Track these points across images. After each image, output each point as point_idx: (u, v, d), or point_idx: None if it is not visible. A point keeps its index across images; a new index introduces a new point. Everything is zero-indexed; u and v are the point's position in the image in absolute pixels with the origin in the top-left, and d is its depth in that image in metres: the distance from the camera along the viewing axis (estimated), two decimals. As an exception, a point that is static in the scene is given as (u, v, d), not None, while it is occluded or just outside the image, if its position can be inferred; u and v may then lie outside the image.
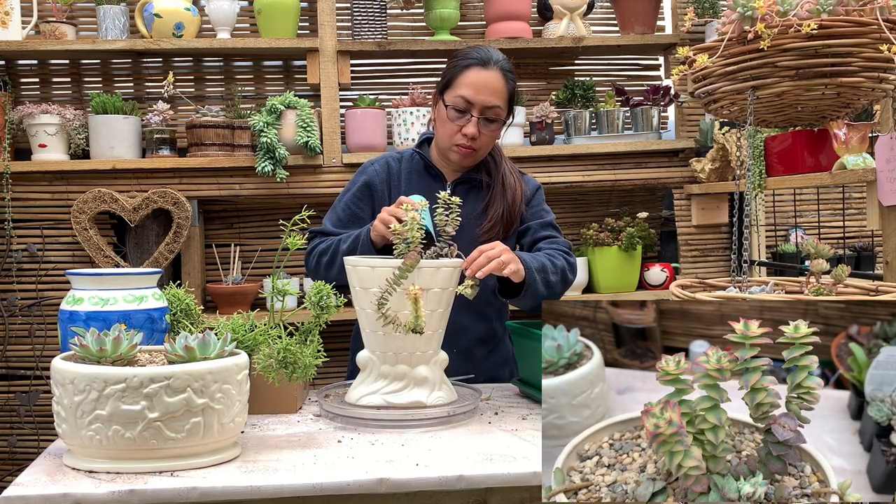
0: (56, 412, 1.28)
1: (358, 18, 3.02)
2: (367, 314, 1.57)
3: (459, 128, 1.88)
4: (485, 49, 1.91)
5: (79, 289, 1.53)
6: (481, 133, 1.89)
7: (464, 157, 1.92)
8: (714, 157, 2.96)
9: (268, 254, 3.20)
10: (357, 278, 1.58)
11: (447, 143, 1.92)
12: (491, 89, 1.87)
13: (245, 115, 3.00)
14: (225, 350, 1.33)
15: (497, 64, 1.88)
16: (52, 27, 2.96)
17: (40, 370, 2.90)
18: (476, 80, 1.86)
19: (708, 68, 1.65)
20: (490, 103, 1.87)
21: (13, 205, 2.89)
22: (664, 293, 3.12)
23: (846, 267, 1.58)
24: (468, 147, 1.89)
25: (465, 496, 1.29)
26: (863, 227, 3.34)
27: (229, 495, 1.20)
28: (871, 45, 1.53)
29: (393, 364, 1.58)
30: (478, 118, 1.87)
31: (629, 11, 3.17)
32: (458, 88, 1.87)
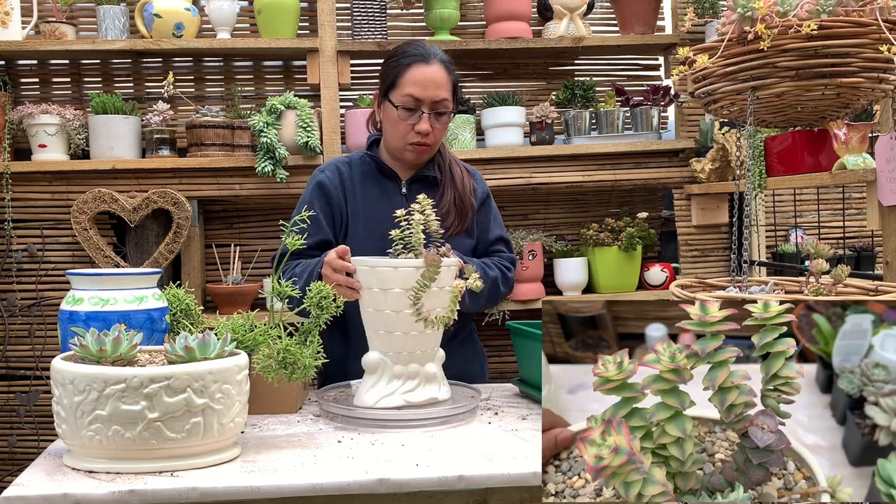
0: (56, 412, 1.28)
1: (358, 18, 3.02)
2: (384, 315, 1.58)
3: (412, 126, 1.90)
4: (420, 45, 1.95)
5: (79, 289, 1.53)
6: (434, 128, 1.92)
7: (419, 155, 1.95)
8: (714, 157, 2.96)
9: (268, 254, 3.19)
10: (376, 280, 1.58)
11: (400, 143, 1.94)
12: (436, 83, 1.90)
13: (245, 115, 3.00)
14: (225, 350, 1.33)
15: (437, 57, 1.92)
16: (52, 27, 2.96)
17: (40, 370, 2.90)
18: (421, 77, 1.89)
19: (708, 69, 1.65)
20: (438, 97, 1.90)
21: (13, 205, 2.89)
22: (664, 293, 3.12)
23: (846, 267, 1.58)
24: (422, 144, 1.92)
25: (465, 496, 1.29)
26: (863, 227, 3.34)
27: (229, 495, 1.20)
28: (870, 46, 1.53)
29: (406, 363, 1.60)
30: (428, 114, 1.90)
31: (629, 11, 3.17)
32: (404, 87, 1.89)
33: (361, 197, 1.98)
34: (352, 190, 2.00)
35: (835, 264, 1.63)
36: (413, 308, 1.52)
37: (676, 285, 1.71)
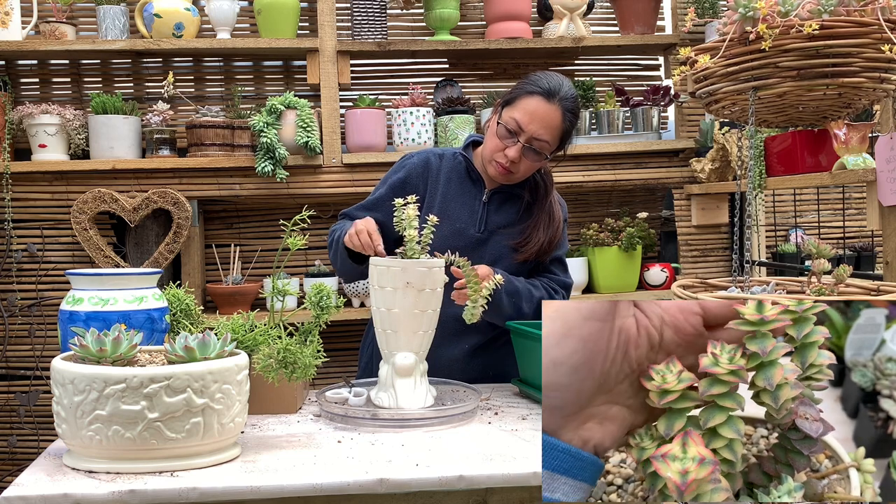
0: (56, 412, 1.28)
1: (358, 18, 3.02)
2: (427, 315, 1.60)
3: (504, 147, 1.88)
4: (557, 81, 1.88)
5: (79, 289, 1.53)
6: (522, 159, 1.88)
7: (499, 175, 1.92)
8: (714, 157, 2.96)
9: (268, 254, 3.20)
10: (432, 280, 1.59)
11: (489, 155, 1.93)
12: (544, 123, 1.85)
13: (245, 116, 3.00)
14: (225, 350, 1.33)
15: (561, 101, 1.86)
16: (52, 27, 2.96)
17: (40, 370, 2.90)
18: (535, 110, 1.85)
19: (709, 69, 1.65)
20: (539, 136, 1.85)
21: (13, 205, 2.89)
22: (664, 293, 3.12)
23: (847, 267, 1.58)
24: (505, 168, 1.89)
25: (465, 496, 1.29)
26: (863, 227, 3.34)
27: (229, 495, 1.20)
28: (872, 46, 1.53)
29: (422, 360, 1.64)
30: (522, 144, 1.86)
31: (629, 11, 3.17)
32: (515, 111, 1.86)
33: (442, 192, 1.97)
34: (435, 182, 1.99)
35: (836, 264, 1.63)
36: (477, 311, 1.56)
37: (678, 286, 1.70)
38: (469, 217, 1.94)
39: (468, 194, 1.97)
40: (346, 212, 2.03)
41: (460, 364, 1.93)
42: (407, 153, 2.10)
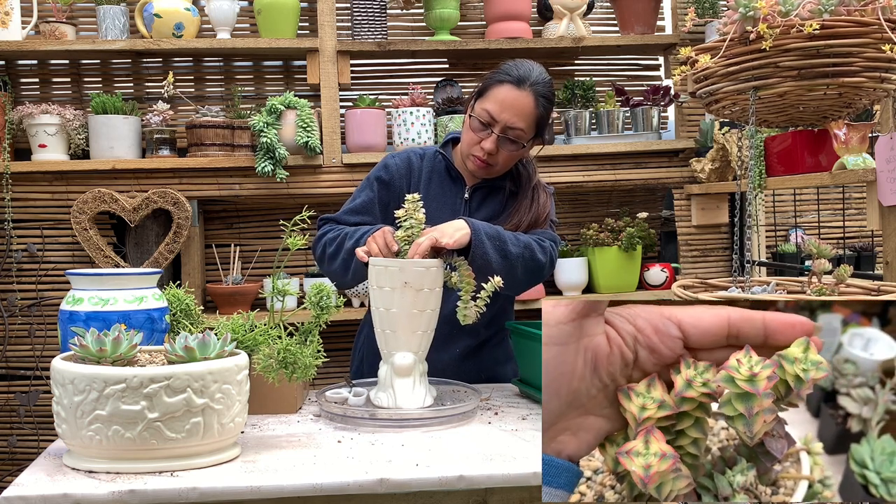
0: (56, 412, 1.28)
1: (358, 18, 3.02)
2: (426, 315, 1.59)
3: (479, 140, 1.85)
4: (527, 68, 1.85)
5: (79, 289, 1.53)
6: (499, 150, 1.85)
7: (478, 169, 1.90)
8: (714, 157, 2.96)
9: (268, 254, 3.20)
10: (430, 280, 1.58)
11: (466, 150, 1.91)
12: (517, 110, 1.81)
13: (245, 116, 3.00)
14: (225, 350, 1.33)
15: (532, 86, 1.82)
16: (52, 27, 2.96)
17: (40, 370, 2.90)
18: (505, 98, 1.81)
19: (710, 69, 1.65)
20: (513, 124, 1.82)
21: (13, 205, 2.89)
22: (664, 293, 3.11)
23: (848, 267, 1.58)
24: (483, 161, 1.87)
25: (465, 496, 1.29)
26: (863, 227, 3.34)
27: (229, 495, 1.20)
28: (872, 45, 1.53)
29: (422, 361, 1.63)
30: (497, 135, 1.83)
31: (629, 11, 3.17)
32: (487, 101, 1.83)
33: (423, 192, 1.94)
34: (416, 182, 1.97)
35: (836, 264, 1.63)
36: (473, 311, 1.58)
37: (678, 286, 1.70)
38: (451, 216, 1.85)
39: (449, 193, 1.95)
40: (331, 217, 1.97)
41: (452, 368, 1.89)
42: (389, 153, 2.07)
